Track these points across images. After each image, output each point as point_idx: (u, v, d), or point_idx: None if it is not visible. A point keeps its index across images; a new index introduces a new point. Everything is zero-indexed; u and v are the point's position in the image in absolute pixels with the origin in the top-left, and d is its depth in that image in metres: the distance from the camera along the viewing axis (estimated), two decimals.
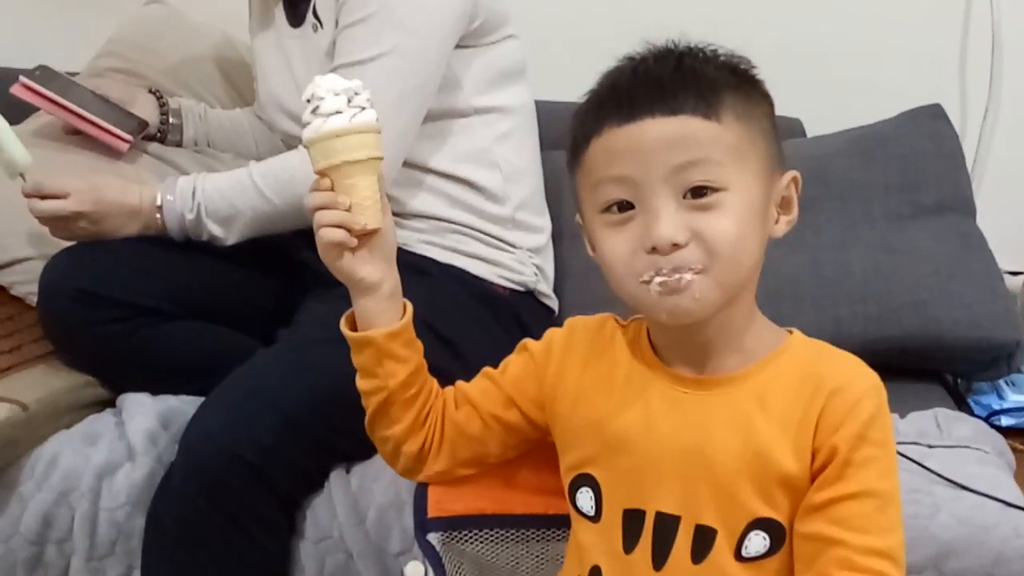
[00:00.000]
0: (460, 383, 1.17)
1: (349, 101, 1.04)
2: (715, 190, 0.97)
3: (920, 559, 1.35)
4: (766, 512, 1.01)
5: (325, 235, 1.05)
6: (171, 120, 1.84)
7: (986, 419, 1.69)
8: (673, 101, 0.98)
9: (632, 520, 1.06)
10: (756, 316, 1.07)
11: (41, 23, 2.23)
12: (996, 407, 1.74)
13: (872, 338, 1.71)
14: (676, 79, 0.99)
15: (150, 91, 1.85)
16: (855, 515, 0.98)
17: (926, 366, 1.78)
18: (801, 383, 1.02)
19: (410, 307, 1.12)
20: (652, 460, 1.05)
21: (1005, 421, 1.73)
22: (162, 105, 1.83)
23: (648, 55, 1.04)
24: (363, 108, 1.05)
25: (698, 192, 0.97)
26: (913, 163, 1.88)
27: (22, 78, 1.68)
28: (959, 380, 1.84)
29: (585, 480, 1.10)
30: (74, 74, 1.89)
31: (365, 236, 1.06)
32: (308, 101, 1.04)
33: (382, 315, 1.10)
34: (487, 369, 1.17)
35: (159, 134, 1.83)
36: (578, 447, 1.10)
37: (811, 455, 1.00)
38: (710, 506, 1.03)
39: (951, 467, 1.43)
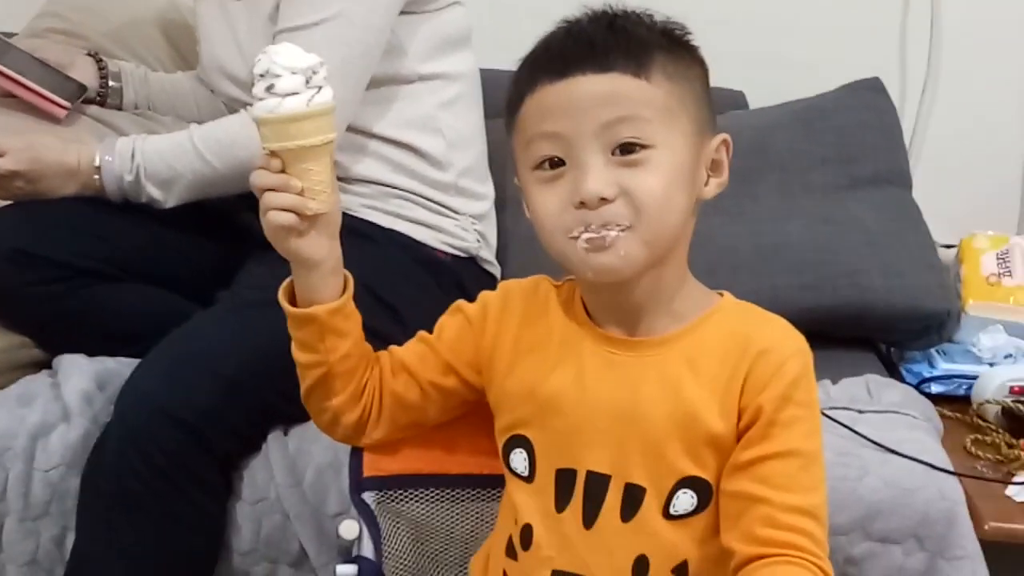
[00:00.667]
0: (395, 349, 1.17)
1: (307, 81, 0.99)
2: (643, 147, 0.99)
3: (848, 520, 1.38)
4: (694, 471, 1.03)
5: (274, 219, 1.03)
6: (111, 83, 1.81)
7: (917, 386, 1.73)
8: (604, 59, 0.99)
9: (564, 479, 1.07)
10: (687, 279, 1.08)
11: None
12: (927, 375, 1.78)
13: (808, 306, 1.74)
14: (608, 38, 1.01)
15: (89, 54, 1.82)
16: (779, 473, 1.00)
17: (860, 334, 1.82)
18: (729, 345, 1.04)
19: (351, 279, 1.11)
20: (584, 421, 1.06)
21: (935, 388, 1.76)
22: (101, 68, 1.80)
23: (583, 17, 1.05)
24: (320, 88, 1.00)
25: (627, 149, 0.99)
26: (851, 136, 1.92)
27: None
28: (892, 349, 1.88)
29: (519, 441, 1.11)
30: (12, 35, 1.85)
31: (313, 217, 1.05)
32: (262, 76, 0.99)
33: (324, 290, 1.09)
34: (422, 334, 1.17)
35: (98, 97, 1.80)
36: (513, 409, 1.11)
37: (737, 415, 1.02)
38: (640, 465, 1.04)
39: (880, 431, 1.46)
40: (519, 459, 1.11)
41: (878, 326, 1.80)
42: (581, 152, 0.99)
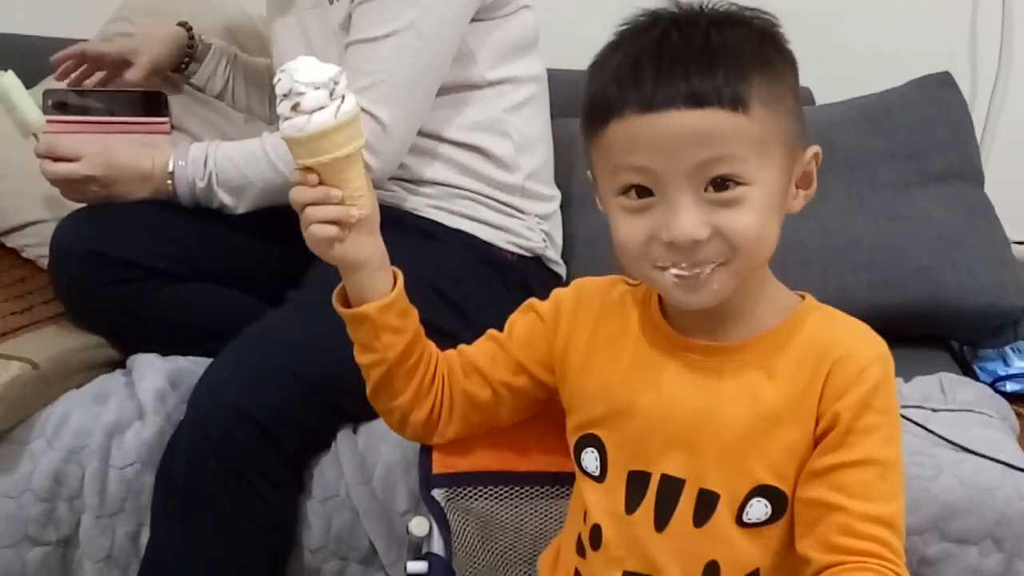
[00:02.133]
0: (465, 348, 1.17)
1: (331, 93, 0.99)
2: (738, 183, 0.95)
3: (922, 520, 1.36)
4: (770, 480, 1.02)
5: (319, 232, 1.04)
6: (199, 53, 1.84)
7: (991, 385, 1.70)
8: (700, 92, 0.94)
9: (636, 482, 1.07)
10: (768, 284, 1.07)
11: None
12: (1001, 373, 1.74)
13: (878, 304, 1.71)
14: (703, 64, 0.95)
15: (180, 23, 1.84)
16: (856, 482, 0.99)
17: (932, 332, 1.79)
18: (808, 350, 1.03)
19: (400, 276, 1.12)
20: (659, 424, 1.06)
21: (1010, 387, 1.73)
22: (190, 38, 1.83)
23: (672, 23, 0.99)
24: (343, 97, 1.00)
25: (720, 185, 0.95)
26: (921, 131, 1.88)
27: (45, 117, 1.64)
28: (965, 347, 1.85)
29: (591, 441, 1.11)
30: (84, 40, 1.89)
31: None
32: (285, 96, 0.99)
33: (374, 287, 1.10)
34: (492, 332, 1.17)
35: (183, 65, 1.84)
36: (586, 408, 1.11)
37: (815, 421, 1.01)
38: (714, 471, 1.03)
39: (954, 430, 1.43)
40: (590, 458, 1.10)
41: (950, 324, 1.76)
42: (672, 189, 0.96)
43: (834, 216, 1.80)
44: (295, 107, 0.99)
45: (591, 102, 1.00)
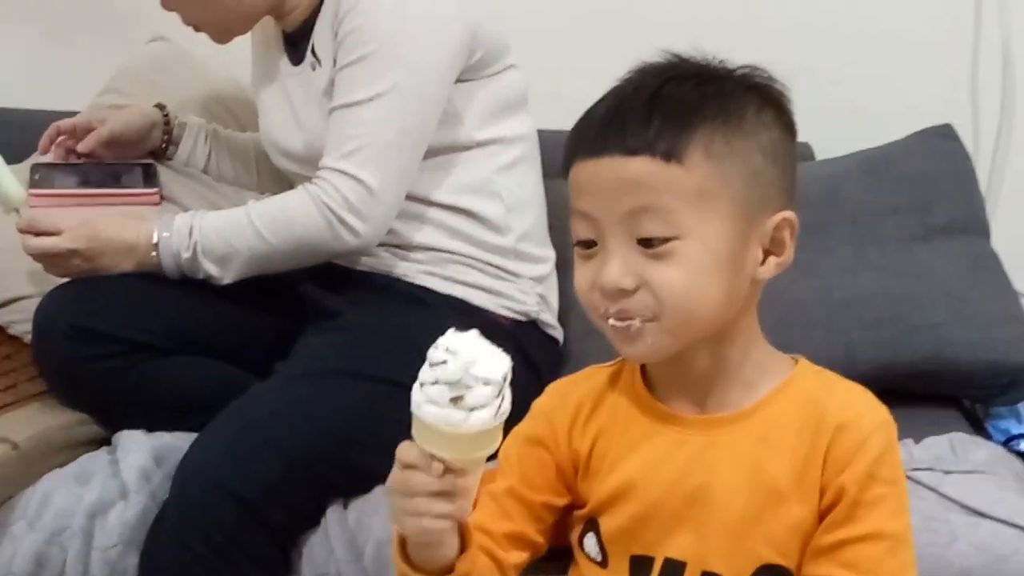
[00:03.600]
0: (488, 524, 1.06)
1: (499, 392, 0.87)
2: (665, 240, 0.94)
3: None
4: (775, 559, 0.98)
5: (430, 525, 0.92)
6: (176, 134, 1.83)
7: (1005, 444, 1.64)
8: (634, 139, 0.94)
9: (639, 567, 1.03)
10: (756, 347, 1.03)
11: (44, 61, 2.22)
12: (1015, 431, 1.68)
13: (885, 363, 1.67)
14: (645, 113, 0.95)
15: (156, 105, 1.83)
16: (866, 558, 0.95)
17: (942, 391, 1.74)
18: (806, 418, 0.99)
19: (471, 534, 0.98)
20: (656, 506, 1.02)
21: None
22: (166, 121, 1.82)
23: (636, 78, 0.99)
24: (505, 396, 0.88)
25: (647, 242, 0.94)
26: (924, 184, 1.85)
27: (29, 190, 1.63)
28: (977, 405, 1.79)
29: (591, 525, 1.07)
30: (75, 113, 1.88)
31: None
32: (450, 384, 0.85)
33: (439, 556, 0.96)
34: (506, 488, 1.08)
35: (163, 145, 1.82)
36: (591, 499, 1.07)
37: (819, 494, 0.97)
38: (717, 552, 0.99)
39: (968, 493, 1.39)
40: (591, 543, 1.06)
41: (960, 382, 1.71)
42: (607, 236, 0.96)
43: (838, 273, 1.76)
44: (457, 400, 0.86)
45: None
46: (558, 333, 1.71)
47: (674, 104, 0.95)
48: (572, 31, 2.17)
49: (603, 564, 1.05)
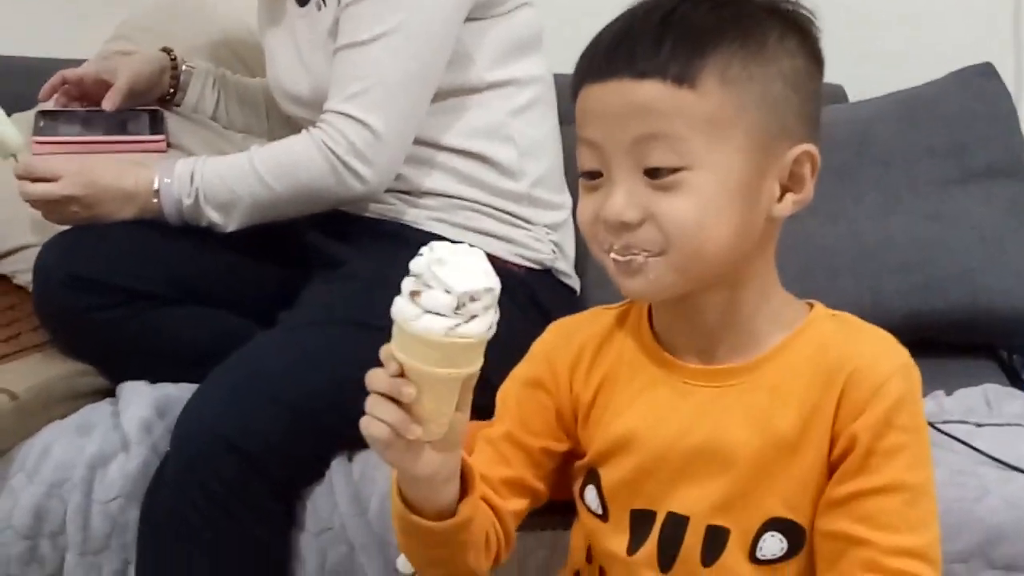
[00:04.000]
0: (487, 472, 1.01)
1: (458, 307, 0.83)
2: (674, 170, 0.88)
3: (967, 546, 1.24)
4: (783, 512, 0.93)
5: (367, 427, 0.87)
6: (183, 80, 1.77)
7: None
8: (643, 62, 0.87)
9: (640, 521, 0.98)
10: (772, 295, 0.97)
11: (50, 8, 2.18)
12: None
13: (916, 311, 1.61)
14: (656, 34, 0.88)
15: (163, 49, 1.78)
16: (882, 511, 0.89)
17: (977, 340, 1.67)
18: (819, 363, 0.93)
19: (475, 480, 0.94)
20: (660, 459, 0.96)
21: None
22: (174, 67, 1.76)
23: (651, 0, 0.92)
24: (471, 318, 0.83)
25: (655, 172, 0.88)
26: (961, 125, 1.77)
27: (33, 137, 1.60)
28: (1015, 356, 1.72)
29: (591, 478, 1.02)
30: (84, 61, 1.84)
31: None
32: (415, 276, 0.84)
33: (435, 500, 0.93)
34: (504, 432, 1.03)
35: (169, 96, 1.77)
36: (592, 446, 1.02)
37: (829, 444, 0.91)
38: (722, 507, 0.94)
39: (1001, 446, 1.32)
40: (591, 496, 1.02)
41: (996, 330, 1.64)
42: (613, 166, 0.90)
43: (867, 218, 1.69)
44: (413, 294, 0.84)
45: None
46: (574, 282, 1.65)
47: (688, 26, 0.89)
48: None
49: (604, 518, 1.00)
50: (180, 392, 1.44)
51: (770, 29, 0.91)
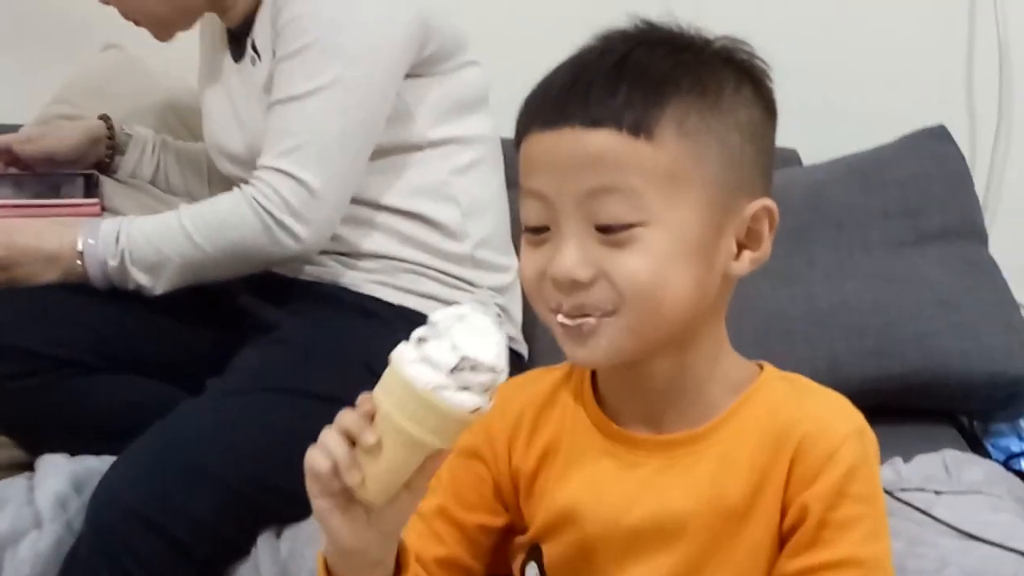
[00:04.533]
0: (421, 551, 0.93)
1: (456, 369, 0.77)
2: (628, 226, 0.82)
3: None
4: None
5: (309, 457, 0.81)
6: (121, 142, 1.73)
7: (1004, 463, 1.52)
8: (598, 108, 0.82)
9: None
10: (722, 358, 0.91)
11: None
12: (1016, 449, 1.57)
13: (872, 376, 1.56)
14: (611, 79, 0.83)
15: (100, 117, 1.74)
16: None
17: (936, 406, 1.62)
18: (768, 427, 0.87)
19: (408, 566, 0.88)
20: (604, 535, 0.91)
21: None
22: (110, 135, 1.72)
23: (602, 43, 0.88)
24: (465, 388, 0.78)
25: (607, 228, 0.83)
26: (915, 187, 1.75)
27: None
28: (975, 422, 1.67)
29: (533, 554, 0.95)
30: (19, 127, 1.79)
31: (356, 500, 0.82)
32: (429, 325, 0.80)
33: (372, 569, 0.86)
34: (437, 506, 0.96)
35: (107, 160, 1.73)
36: (534, 522, 0.96)
37: (779, 513, 0.86)
38: None
39: (961, 515, 1.27)
40: (532, 573, 0.95)
41: (954, 395, 1.60)
42: (562, 220, 0.84)
43: (822, 281, 1.65)
44: (421, 340, 0.79)
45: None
46: (522, 348, 1.59)
47: (644, 72, 0.84)
48: (541, 32, 2.06)
49: None
50: (102, 465, 1.35)
51: (726, 79, 0.86)
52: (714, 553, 0.87)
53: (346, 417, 0.81)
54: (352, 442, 0.79)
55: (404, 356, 0.79)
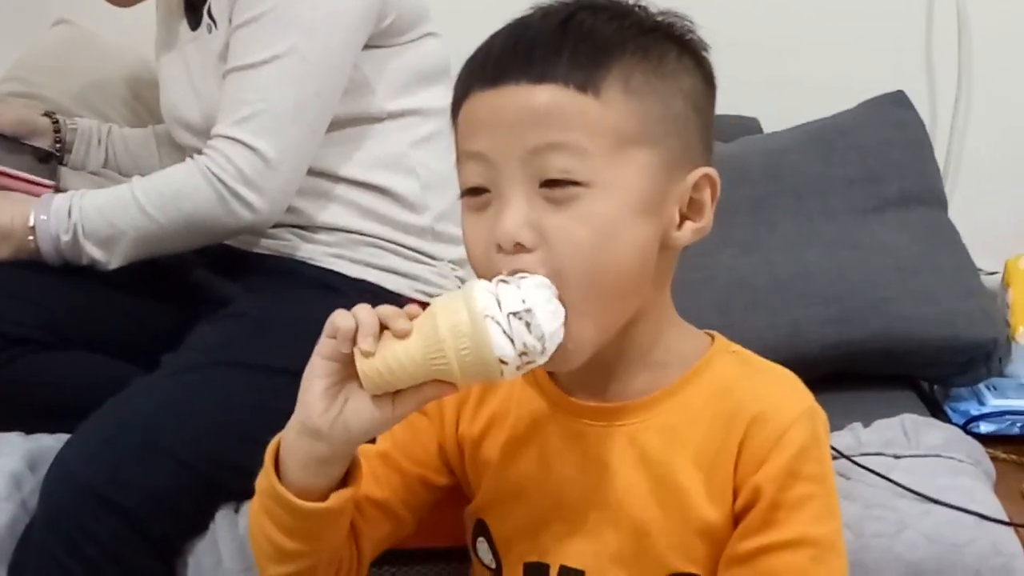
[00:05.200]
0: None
1: (514, 313, 0.79)
2: (573, 183, 0.81)
3: None
4: (684, 566, 0.87)
5: (335, 315, 0.83)
6: (68, 140, 1.69)
7: (964, 427, 1.53)
8: (543, 64, 0.81)
9: (534, 574, 0.91)
10: (668, 327, 0.91)
11: None
12: (975, 413, 1.58)
13: (833, 342, 1.55)
14: (556, 37, 0.82)
15: (45, 114, 1.71)
16: (787, 567, 0.83)
17: (896, 371, 1.61)
18: (718, 407, 0.87)
19: (361, 468, 0.89)
20: (550, 507, 0.90)
21: (984, 428, 1.56)
22: (56, 127, 1.69)
23: (544, 8, 0.87)
24: (509, 338, 0.79)
25: (553, 183, 0.81)
26: (875, 153, 1.74)
27: None
28: (936, 387, 1.68)
29: (481, 528, 0.95)
30: None
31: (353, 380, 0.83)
32: (522, 277, 0.81)
33: (328, 474, 0.86)
34: (375, 449, 0.97)
35: (57, 155, 1.69)
36: (479, 492, 0.96)
37: (732, 495, 0.85)
38: (618, 559, 0.88)
39: (920, 479, 1.26)
40: (484, 548, 0.95)
41: (914, 361, 1.59)
42: (504, 180, 0.82)
43: (782, 249, 1.65)
44: (501, 282, 0.81)
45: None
46: None
47: (589, 32, 0.83)
48: (502, 4, 2.05)
49: (497, 571, 0.94)
50: (56, 443, 1.32)
51: (668, 47, 0.86)
52: (660, 530, 0.87)
53: (386, 308, 0.82)
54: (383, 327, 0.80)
55: (480, 283, 0.81)
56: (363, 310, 0.82)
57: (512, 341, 0.79)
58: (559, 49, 0.82)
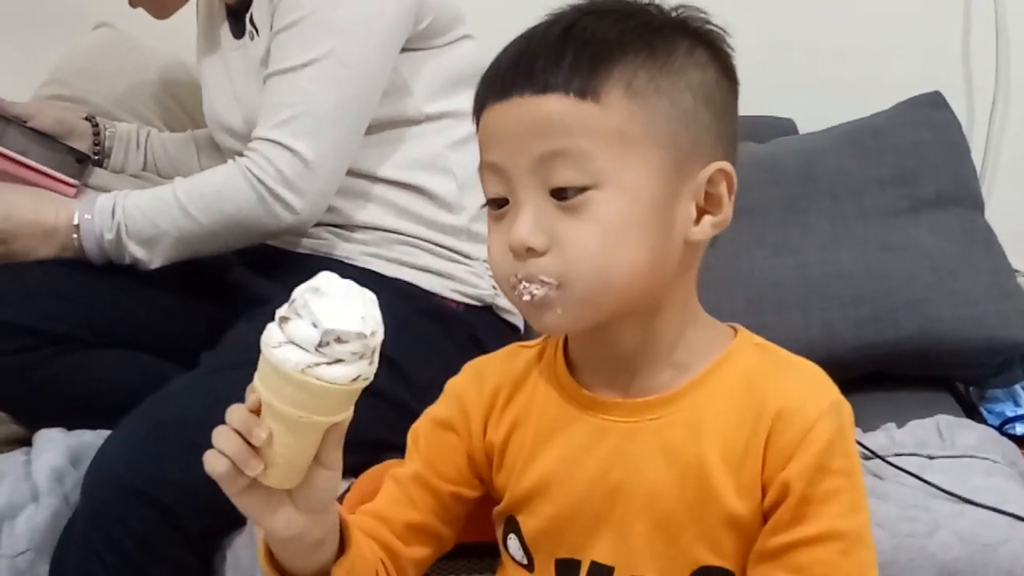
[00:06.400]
0: (387, 511, 0.96)
1: (322, 345, 0.76)
2: (580, 189, 0.82)
3: None
4: (712, 559, 0.87)
5: (206, 461, 0.82)
6: (108, 145, 1.73)
7: (999, 428, 1.52)
8: (544, 76, 0.83)
9: (566, 571, 0.92)
10: (693, 321, 0.91)
11: None
12: (1010, 414, 1.57)
13: (867, 343, 1.55)
14: (557, 47, 0.84)
15: (86, 118, 1.74)
16: (817, 562, 0.84)
17: (931, 372, 1.61)
18: (743, 402, 0.87)
19: (355, 542, 0.89)
20: (577, 504, 0.91)
21: (1020, 429, 1.56)
22: (96, 131, 1.72)
23: (553, 16, 0.88)
24: (334, 362, 0.76)
25: (559, 193, 0.83)
26: (911, 154, 1.73)
27: None
28: (971, 388, 1.67)
29: (511, 525, 0.96)
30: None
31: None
32: (289, 302, 0.79)
33: (304, 562, 0.87)
34: (400, 474, 0.98)
35: (95, 158, 1.72)
36: (509, 492, 0.96)
37: (761, 491, 0.86)
38: (647, 554, 0.88)
39: (954, 479, 1.26)
40: (515, 545, 0.96)
41: (949, 362, 1.58)
42: (518, 189, 0.84)
43: (816, 250, 1.64)
44: (282, 320, 0.78)
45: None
46: (517, 320, 1.59)
47: (591, 38, 0.84)
48: (536, 6, 2.06)
49: (529, 567, 0.95)
50: (97, 439, 1.36)
51: (678, 42, 0.87)
52: (688, 524, 0.87)
53: (235, 415, 0.81)
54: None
55: (270, 340, 0.77)
56: (221, 440, 0.81)
57: (343, 361, 0.76)
58: (560, 58, 0.84)
